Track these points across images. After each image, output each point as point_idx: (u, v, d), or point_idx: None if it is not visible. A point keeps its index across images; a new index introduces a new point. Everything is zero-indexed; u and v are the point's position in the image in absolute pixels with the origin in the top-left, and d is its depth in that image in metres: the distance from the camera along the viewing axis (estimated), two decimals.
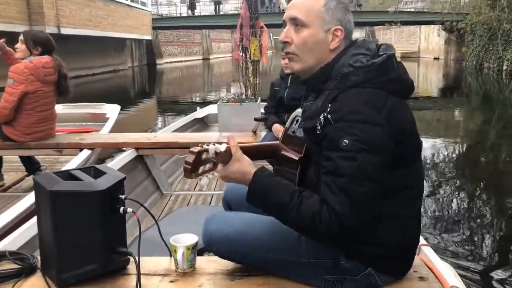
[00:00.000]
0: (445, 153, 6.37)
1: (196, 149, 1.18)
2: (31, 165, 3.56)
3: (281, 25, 1.33)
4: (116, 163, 2.93)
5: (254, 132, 3.64)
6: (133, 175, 3.14)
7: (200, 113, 5.47)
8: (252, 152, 1.32)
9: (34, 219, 1.73)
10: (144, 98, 14.07)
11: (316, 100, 1.24)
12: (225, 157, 1.23)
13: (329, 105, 1.16)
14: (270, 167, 1.88)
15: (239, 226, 1.35)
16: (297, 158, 1.32)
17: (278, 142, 1.43)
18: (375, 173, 1.12)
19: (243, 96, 4.75)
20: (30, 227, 1.75)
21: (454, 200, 4.30)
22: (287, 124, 1.44)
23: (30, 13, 13.29)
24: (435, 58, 34.02)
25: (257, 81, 4.88)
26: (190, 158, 1.17)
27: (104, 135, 3.92)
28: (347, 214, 1.09)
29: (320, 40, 1.24)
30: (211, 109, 5.49)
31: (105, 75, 19.88)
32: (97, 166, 1.44)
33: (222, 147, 1.21)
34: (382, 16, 27.95)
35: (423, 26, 35.07)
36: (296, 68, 1.29)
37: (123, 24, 20.36)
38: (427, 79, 21.74)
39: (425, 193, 4.34)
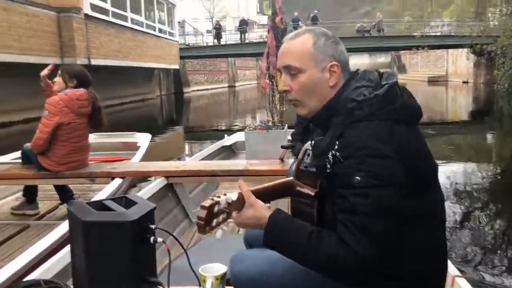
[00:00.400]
0: (478, 179, 6.21)
1: (207, 203, 1.18)
2: (64, 193, 3.66)
3: None
4: (146, 191, 2.99)
5: (282, 160, 3.65)
6: (163, 203, 3.19)
7: (228, 140, 5.53)
8: (266, 194, 1.33)
9: (67, 248, 1.77)
10: (172, 126, 14.34)
11: (324, 136, 1.23)
12: (238, 204, 1.23)
13: (337, 142, 1.15)
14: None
15: (263, 267, 1.34)
16: (313, 194, 1.28)
17: (291, 178, 1.41)
18: (391, 207, 1.10)
19: (270, 124, 4.79)
20: (64, 256, 1.79)
21: (490, 228, 4.16)
22: (299, 158, 1.42)
23: (62, 45, 13.86)
24: (464, 82, 33.48)
25: (284, 109, 4.92)
26: (202, 213, 1.17)
27: (135, 163, 4.02)
28: (367, 252, 1.07)
29: (318, 81, 1.24)
30: (239, 137, 5.55)
31: (134, 104, 20.38)
32: (128, 196, 1.48)
33: (234, 196, 1.22)
34: (408, 40, 27.90)
35: (450, 50, 34.72)
36: (303, 112, 1.29)
37: (151, 54, 20.93)
38: (456, 103, 21.40)
39: (457, 220, 4.26)
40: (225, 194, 1.22)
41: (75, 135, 3.42)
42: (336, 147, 1.15)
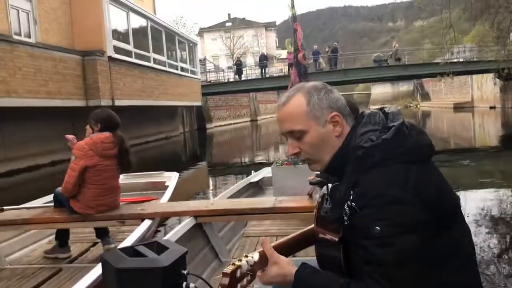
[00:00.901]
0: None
1: (229, 269, 1.17)
2: (100, 231, 3.76)
3: (331, 84, 1.34)
4: (176, 232, 3.01)
5: (310, 196, 3.64)
6: (192, 243, 3.20)
7: (255, 177, 5.55)
8: (289, 247, 1.33)
9: None
10: (196, 162, 14.46)
11: (340, 184, 1.22)
12: (262, 263, 1.22)
13: (351, 192, 1.14)
14: None
15: None
16: (337, 239, 1.24)
17: (313, 226, 1.39)
18: (417, 253, 1.07)
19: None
20: None
21: None
22: (318, 202, 1.40)
23: (86, 88, 14.16)
24: (491, 107, 32.95)
25: None
26: (225, 281, 1.15)
27: (164, 204, 4.06)
28: None
29: (324, 135, 1.24)
30: (266, 173, 5.57)
31: (158, 142, 20.72)
32: (160, 240, 1.50)
33: (256, 256, 1.21)
34: (431, 68, 27.79)
35: (475, 76, 34.41)
36: (318, 168, 1.30)
37: (174, 93, 21.34)
38: (485, 128, 21.00)
39: (494, 252, 4.10)
40: (246, 256, 1.21)
41: (102, 177, 3.50)
42: (351, 197, 1.13)
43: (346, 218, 1.15)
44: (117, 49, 15.47)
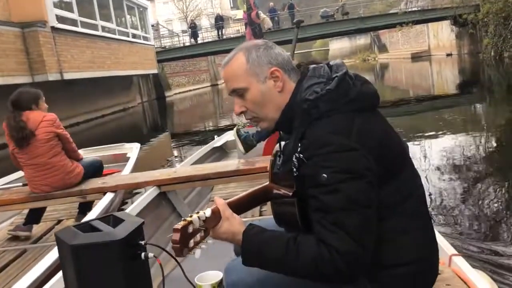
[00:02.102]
0: (474, 150, 6.28)
1: (179, 225, 1.18)
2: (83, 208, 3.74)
3: (288, 42, 1.36)
4: (139, 203, 2.99)
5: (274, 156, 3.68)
6: (157, 212, 3.21)
7: (218, 141, 5.56)
8: (243, 204, 1.34)
9: (60, 274, 1.78)
10: (158, 133, 14.29)
11: (289, 141, 1.27)
12: (215, 219, 1.23)
13: (299, 144, 1.18)
14: None
15: (259, 274, 1.33)
16: (291, 193, 1.28)
17: (267, 183, 1.42)
18: (365, 198, 1.12)
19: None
20: (58, 281, 1.80)
21: (487, 202, 4.22)
22: (271, 160, 1.43)
23: (31, 62, 13.35)
24: (448, 55, 33.79)
25: None
26: (176, 236, 1.16)
27: (126, 176, 4.03)
28: (349, 248, 1.09)
29: (265, 91, 1.27)
30: (228, 136, 5.57)
31: (115, 115, 20.24)
32: (115, 213, 1.49)
33: (208, 212, 1.22)
34: (389, 18, 28.03)
35: (430, 24, 34.97)
36: (265, 126, 1.33)
37: (127, 61, 20.74)
38: (442, 77, 21.59)
39: (452, 196, 4.32)
40: (198, 212, 1.22)
41: (26, 159, 3.48)
42: (299, 149, 1.17)
43: (295, 169, 1.19)
44: (60, 19, 14.68)
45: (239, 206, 1.31)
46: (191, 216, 1.20)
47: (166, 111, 23.11)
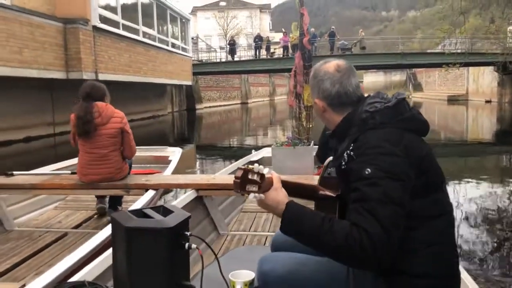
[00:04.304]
0: (507, 200, 6.25)
1: (243, 167, 1.40)
2: (113, 202, 4.09)
3: None
4: (178, 203, 3.18)
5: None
6: (192, 214, 3.36)
7: (255, 156, 5.77)
8: (291, 188, 1.51)
9: (108, 252, 1.96)
10: (184, 143, 14.53)
11: (342, 143, 1.46)
12: (268, 185, 1.42)
13: (352, 144, 1.38)
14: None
15: (291, 266, 1.51)
16: (334, 195, 1.52)
17: (316, 184, 1.63)
18: (398, 197, 1.27)
19: (297, 140, 5.06)
20: (105, 259, 1.98)
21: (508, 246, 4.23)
22: (323, 166, 1.67)
23: (68, 58, 13.52)
24: (487, 101, 33.33)
25: (310, 126, 5.19)
26: (239, 173, 1.38)
27: (168, 176, 4.30)
28: (377, 232, 1.23)
29: (316, 110, 1.61)
30: (265, 152, 5.81)
31: (144, 121, 20.67)
32: (165, 205, 1.65)
33: (265, 171, 1.41)
34: (431, 58, 27.80)
35: (471, 68, 34.65)
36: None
37: (164, 70, 21.12)
38: (478, 123, 21.32)
39: (478, 242, 4.33)
40: (259, 165, 1.42)
41: (87, 147, 3.71)
42: (351, 148, 1.38)
43: (343, 163, 1.40)
44: (103, 19, 14.88)
45: (287, 188, 1.46)
46: (252, 165, 1.40)
47: (195, 123, 23.47)
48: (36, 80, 12.37)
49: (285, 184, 1.47)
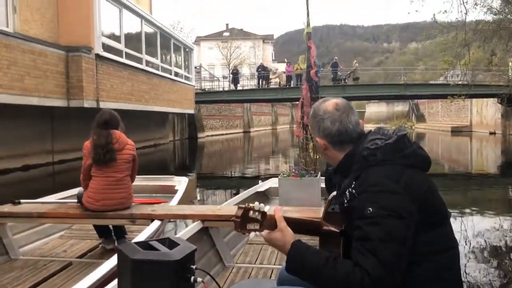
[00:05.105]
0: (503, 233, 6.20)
1: (243, 205, 1.41)
2: (118, 232, 4.08)
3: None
4: (183, 234, 3.19)
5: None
6: (198, 246, 3.35)
7: (262, 186, 5.79)
8: (295, 225, 1.53)
9: (113, 283, 1.93)
10: (184, 172, 14.52)
11: (345, 180, 1.50)
12: (271, 224, 1.44)
13: (353, 182, 1.42)
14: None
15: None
16: (338, 231, 1.54)
17: (319, 220, 1.66)
18: (400, 235, 1.30)
19: (303, 171, 5.07)
20: None
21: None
22: (328, 200, 1.71)
23: (69, 86, 13.44)
24: (491, 133, 33.38)
25: (317, 157, 5.21)
26: (239, 213, 1.39)
27: (173, 207, 4.30)
28: (378, 274, 1.26)
29: (318, 147, 1.65)
30: (272, 183, 5.83)
31: (145, 150, 20.68)
32: (171, 237, 1.67)
33: (266, 208, 1.44)
34: (434, 89, 27.96)
35: (475, 99, 34.82)
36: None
37: (166, 98, 21.10)
38: (483, 155, 21.32)
39: (477, 277, 4.28)
40: (259, 204, 1.44)
41: (100, 172, 3.77)
42: (352, 185, 1.41)
43: (346, 201, 1.43)
44: (106, 47, 14.92)
45: (290, 225, 1.49)
46: (252, 203, 1.42)
47: (196, 152, 23.50)
48: (36, 107, 12.38)
49: (288, 221, 1.49)
